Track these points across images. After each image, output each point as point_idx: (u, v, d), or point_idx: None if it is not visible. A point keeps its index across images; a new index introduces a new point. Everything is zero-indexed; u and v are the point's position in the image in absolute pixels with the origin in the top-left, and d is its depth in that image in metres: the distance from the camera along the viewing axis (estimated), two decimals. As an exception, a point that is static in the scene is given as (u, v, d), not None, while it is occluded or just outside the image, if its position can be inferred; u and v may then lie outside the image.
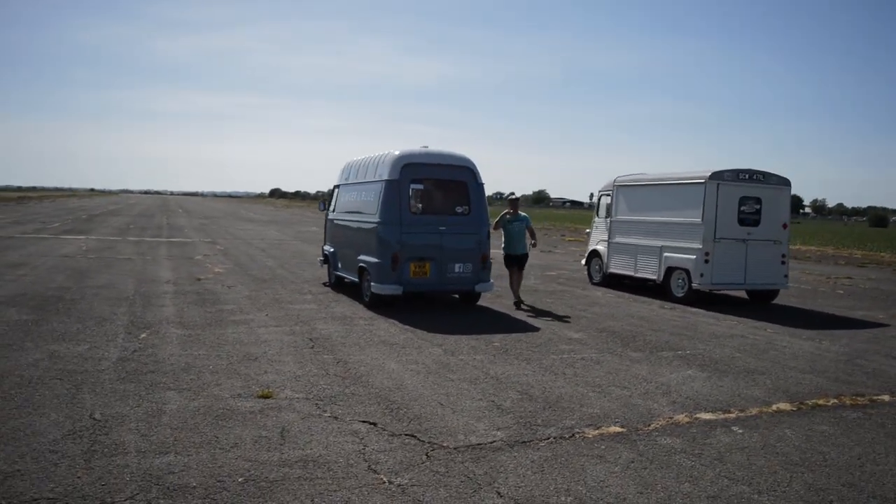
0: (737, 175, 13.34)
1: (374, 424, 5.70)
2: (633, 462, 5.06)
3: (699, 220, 13.27)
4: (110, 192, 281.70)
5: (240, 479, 4.52)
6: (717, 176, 13.18)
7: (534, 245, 12.87)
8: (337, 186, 14.16)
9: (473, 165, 11.75)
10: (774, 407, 6.52)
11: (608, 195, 16.13)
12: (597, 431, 5.68)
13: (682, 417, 6.10)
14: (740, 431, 5.82)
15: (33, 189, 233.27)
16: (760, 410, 6.43)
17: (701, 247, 13.16)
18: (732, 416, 6.24)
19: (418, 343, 8.91)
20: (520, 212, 12.95)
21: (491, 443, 5.36)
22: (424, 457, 5.02)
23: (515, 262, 12.58)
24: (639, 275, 14.81)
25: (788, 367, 8.17)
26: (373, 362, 7.80)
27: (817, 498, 4.51)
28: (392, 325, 10.07)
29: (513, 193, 19.73)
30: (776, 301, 14.41)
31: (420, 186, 11.59)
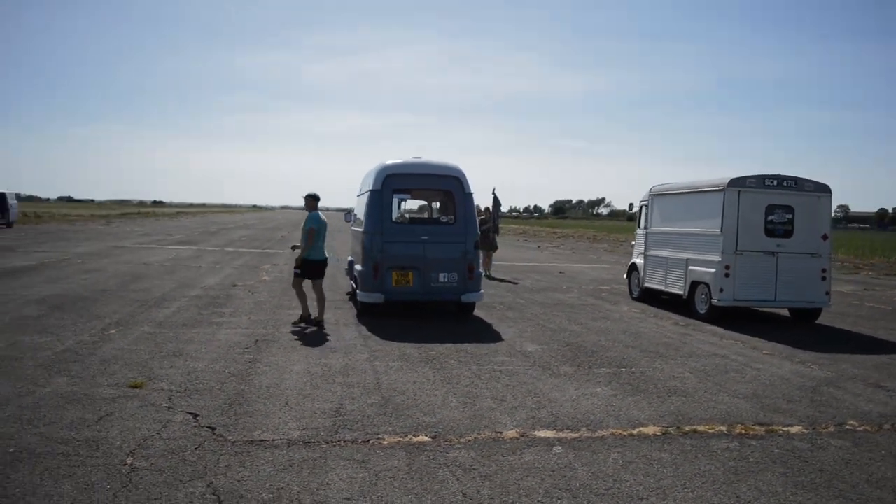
0: (762, 181, 12.32)
1: (196, 416, 5.84)
2: (391, 471, 4.93)
3: (718, 230, 12.36)
4: (271, 209, 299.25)
5: (10, 450, 4.91)
6: (737, 182, 12.25)
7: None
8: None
9: (461, 174, 11.66)
10: (639, 430, 6.02)
11: (646, 205, 15.40)
12: (398, 439, 5.53)
13: (511, 433, 5.81)
14: (557, 450, 5.46)
15: (202, 206, 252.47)
16: (616, 432, 5.96)
17: (720, 259, 12.25)
18: (571, 435, 5.84)
19: (356, 349, 8.99)
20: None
21: (273, 440, 5.37)
22: (196, 447, 5.15)
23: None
24: (669, 289, 14.04)
25: (729, 391, 7.50)
26: (283, 364, 7.97)
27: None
28: (356, 332, 10.21)
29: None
30: (820, 321, 13.07)
31: (405, 196, 11.62)
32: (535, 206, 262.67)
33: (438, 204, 13.54)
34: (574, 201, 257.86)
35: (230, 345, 8.79)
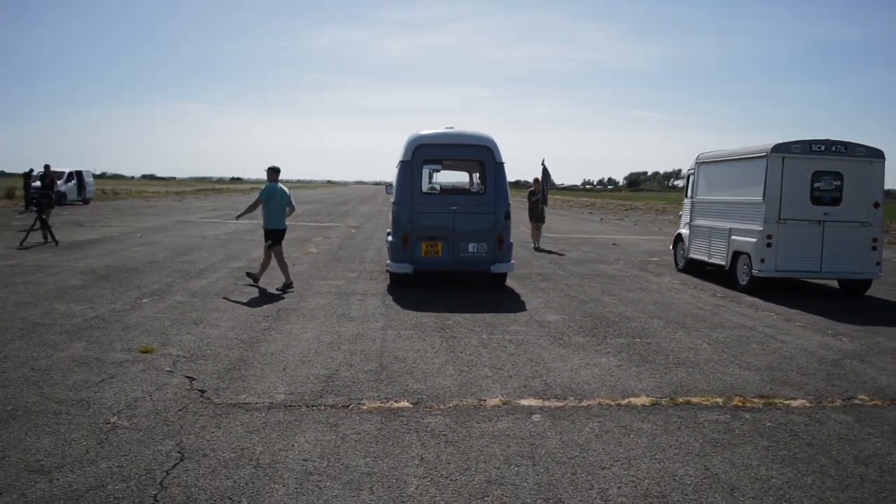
0: (809, 147, 11.76)
1: (193, 380, 6.05)
2: (359, 435, 5.01)
3: (760, 198, 11.91)
4: (345, 184, 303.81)
5: (8, 408, 5.26)
6: (781, 148, 11.73)
7: None
8: None
9: (493, 144, 11.54)
10: (629, 401, 5.91)
11: (693, 174, 14.96)
12: (378, 405, 5.60)
13: (494, 401, 5.80)
14: (536, 418, 5.42)
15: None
16: (604, 402, 5.85)
17: (762, 229, 11.81)
18: (556, 404, 5.77)
19: (373, 318, 9.06)
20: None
21: (255, 403, 5.52)
22: (180, 409, 5.38)
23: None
24: (712, 260, 13.63)
25: (742, 363, 7.26)
26: (296, 332, 8.14)
27: (467, 483, 4.20)
28: (380, 301, 10.31)
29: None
30: (872, 293, 12.46)
31: (437, 167, 11.60)
32: (609, 179, 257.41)
33: (471, 175, 13.46)
34: (649, 173, 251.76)
35: (252, 314, 9.01)
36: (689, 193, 15.05)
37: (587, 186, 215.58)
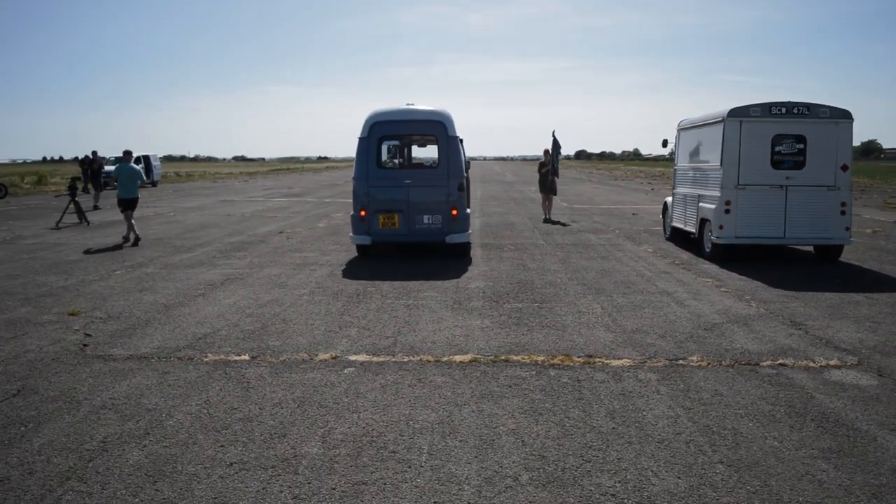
0: (768, 110, 11.58)
1: (89, 336, 6.94)
2: (175, 381, 5.70)
3: (718, 164, 11.91)
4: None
5: None
6: (739, 112, 11.63)
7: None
8: None
9: (447, 119, 11.95)
10: (452, 357, 6.33)
11: (677, 141, 14.94)
12: (221, 357, 6.29)
13: (326, 355, 6.37)
14: (347, 371, 5.96)
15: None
16: (426, 358, 6.33)
17: (719, 195, 11.82)
18: (381, 359, 6.31)
19: (304, 286, 9.79)
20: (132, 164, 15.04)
21: (120, 355, 6.33)
22: (52, 359, 6.18)
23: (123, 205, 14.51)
24: (687, 228, 13.65)
25: (613, 327, 7.52)
26: (220, 298, 8.97)
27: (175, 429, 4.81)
28: (327, 271, 11.05)
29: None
30: (851, 259, 12.28)
31: (395, 143, 12.14)
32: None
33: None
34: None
35: (200, 283, 9.88)
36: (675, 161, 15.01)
37: (667, 157, 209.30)
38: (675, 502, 3.75)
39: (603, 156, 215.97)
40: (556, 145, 19.69)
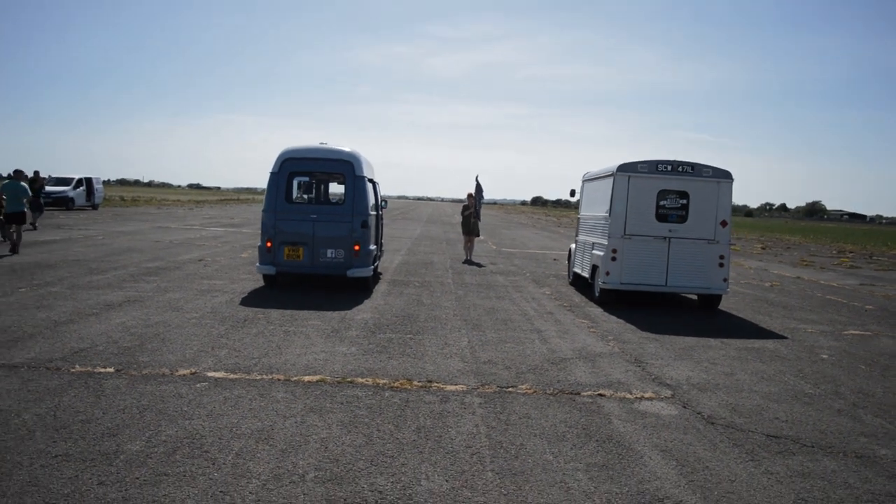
0: (655, 166, 12.55)
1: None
2: (34, 388, 6.14)
3: (607, 214, 12.78)
4: (389, 197, 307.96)
5: None
6: (628, 167, 12.57)
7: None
8: None
9: (354, 159, 12.66)
10: (301, 378, 6.93)
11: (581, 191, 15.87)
12: (87, 369, 6.76)
13: (187, 371, 6.89)
14: (200, 385, 6.49)
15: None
16: (277, 377, 6.93)
17: (607, 243, 12.66)
18: (235, 376, 6.87)
19: (196, 311, 10.25)
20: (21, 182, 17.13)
21: (13, 364, 6.72)
22: None
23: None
24: (583, 273, 14.48)
25: (468, 358, 8.23)
26: (111, 317, 9.42)
27: None
28: (228, 298, 11.52)
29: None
30: (733, 309, 13.24)
31: (305, 179, 12.80)
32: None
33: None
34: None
35: (99, 303, 10.29)
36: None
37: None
38: (433, 499, 4.36)
39: (558, 203, 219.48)
40: (479, 190, 20.55)
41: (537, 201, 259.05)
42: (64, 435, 5.01)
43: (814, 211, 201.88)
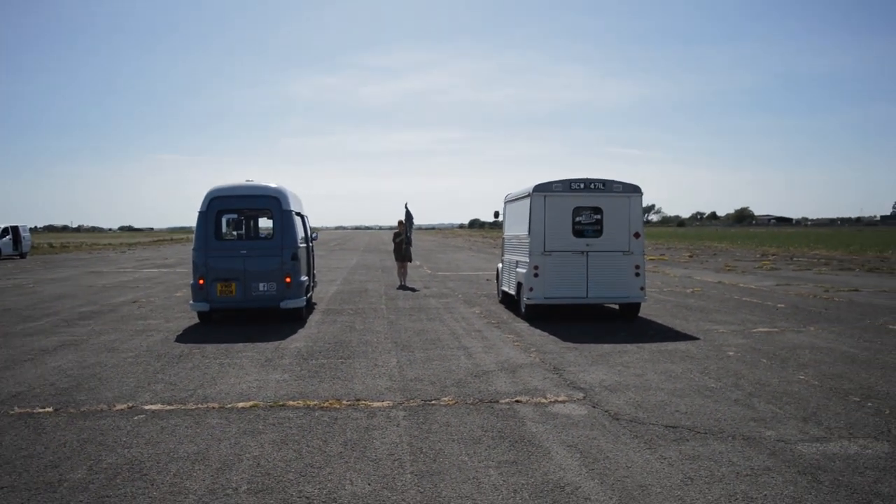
0: (569, 185, 13.26)
1: None
2: None
3: (527, 233, 13.43)
4: (326, 229, 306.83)
5: None
6: (543, 188, 13.25)
7: None
8: None
9: (280, 194, 13.08)
10: (234, 405, 7.31)
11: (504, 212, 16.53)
12: (26, 411, 6.99)
13: (123, 405, 7.20)
14: (137, 418, 6.81)
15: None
16: (212, 406, 7.32)
17: (528, 261, 13.30)
18: (171, 407, 7.24)
19: (130, 350, 10.52)
20: None
21: None
22: None
23: None
24: (510, 291, 15.09)
25: (396, 377, 8.71)
26: (48, 361, 9.64)
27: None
28: (163, 336, 11.81)
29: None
30: (652, 315, 14.02)
31: (233, 216, 13.15)
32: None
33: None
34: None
35: (33, 349, 10.48)
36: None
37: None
38: (356, 501, 4.84)
39: (495, 224, 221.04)
40: (408, 217, 21.16)
41: (475, 224, 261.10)
42: (8, 470, 5.32)
43: (742, 217, 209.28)
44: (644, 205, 13.70)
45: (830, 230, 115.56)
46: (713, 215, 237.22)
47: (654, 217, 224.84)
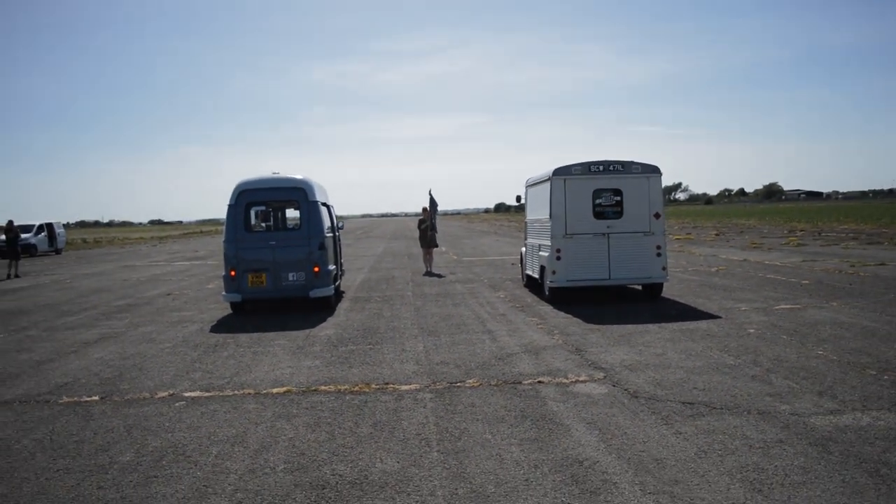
0: (588, 168, 13.40)
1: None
2: (30, 418, 6.81)
3: (548, 217, 13.65)
4: (353, 217, 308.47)
5: None
6: (563, 171, 13.42)
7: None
8: None
9: (307, 186, 13.44)
10: (269, 391, 7.68)
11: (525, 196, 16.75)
12: (73, 399, 7.40)
13: (164, 393, 7.60)
14: (178, 404, 7.21)
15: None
16: (249, 392, 7.66)
17: (551, 244, 13.53)
18: (210, 395, 7.57)
19: (167, 341, 10.92)
20: None
21: (4, 400, 7.37)
22: None
23: None
24: (534, 275, 15.33)
25: (422, 360, 9.00)
26: (89, 353, 10.07)
27: None
28: (199, 327, 12.24)
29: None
30: (673, 295, 14.14)
31: (261, 208, 13.55)
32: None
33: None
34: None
35: (76, 342, 10.94)
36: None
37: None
38: (386, 477, 5.17)
39: (521, 207, 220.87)
40: (432, 203, 21.41)
41: (500, 208, 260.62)
42: (62, 453, 5.73)
43: (772, 192, 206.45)
44: (670, 183, 13.79)
45: (861, 203, 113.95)
46: (742, 192, 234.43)
47: (681, 195, 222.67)
